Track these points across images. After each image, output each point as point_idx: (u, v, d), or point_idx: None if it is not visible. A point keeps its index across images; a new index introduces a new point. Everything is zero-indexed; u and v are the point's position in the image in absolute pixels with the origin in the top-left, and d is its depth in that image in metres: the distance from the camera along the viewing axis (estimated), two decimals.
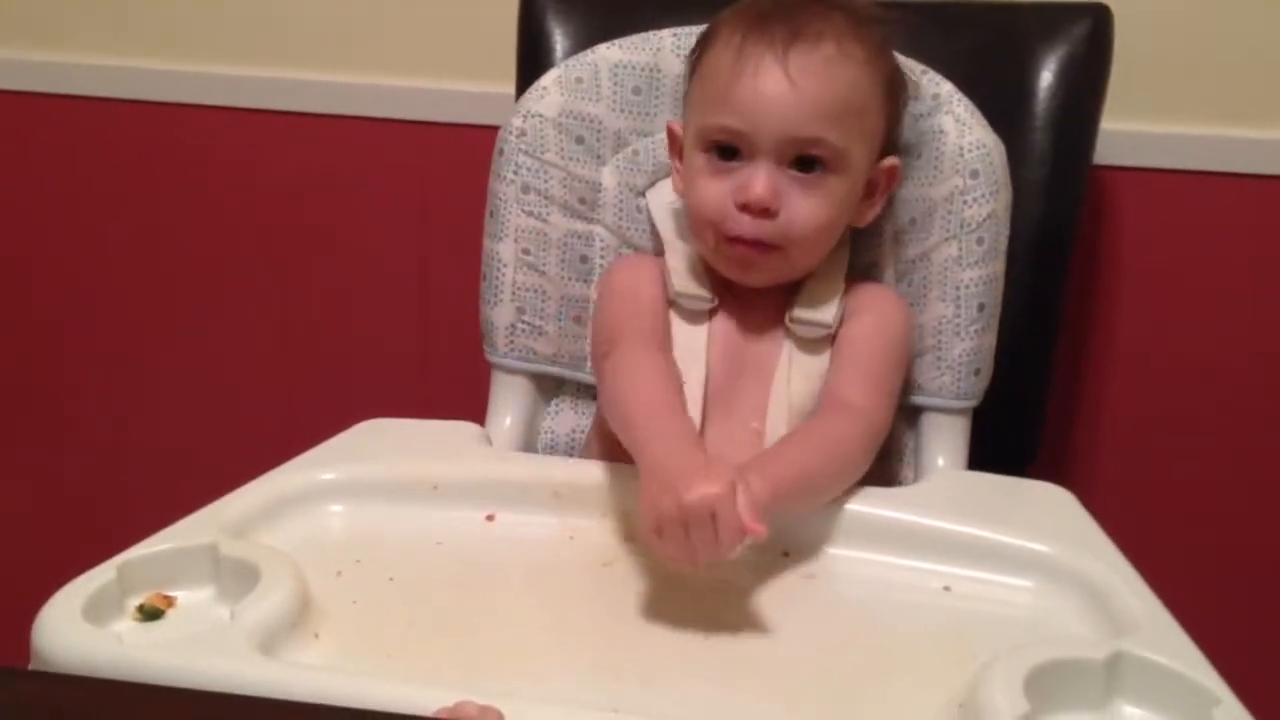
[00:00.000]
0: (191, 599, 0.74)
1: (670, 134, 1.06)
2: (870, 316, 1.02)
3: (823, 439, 0.93)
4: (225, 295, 1.62)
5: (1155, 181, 1.38)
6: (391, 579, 0.80)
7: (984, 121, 1.06)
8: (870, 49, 0.97)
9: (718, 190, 0.97)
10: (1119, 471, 1.46)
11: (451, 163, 1.47)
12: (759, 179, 0.95)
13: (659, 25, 1.14)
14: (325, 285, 1.59)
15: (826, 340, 1.02)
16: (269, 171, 1.56)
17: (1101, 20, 1.20)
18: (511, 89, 1.26)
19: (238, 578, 0.74)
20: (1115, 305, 1.43)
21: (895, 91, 1.02)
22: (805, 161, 0.95)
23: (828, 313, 1.01)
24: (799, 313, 1.01)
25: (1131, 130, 1.34)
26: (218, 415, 1.66)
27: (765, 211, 0.95)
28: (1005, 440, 1.14)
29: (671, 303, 1.03)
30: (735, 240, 0.97)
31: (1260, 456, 1.43)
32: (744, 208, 0.96)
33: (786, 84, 0.93)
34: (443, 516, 0.88)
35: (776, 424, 0.98)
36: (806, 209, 0.96)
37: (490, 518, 0.89)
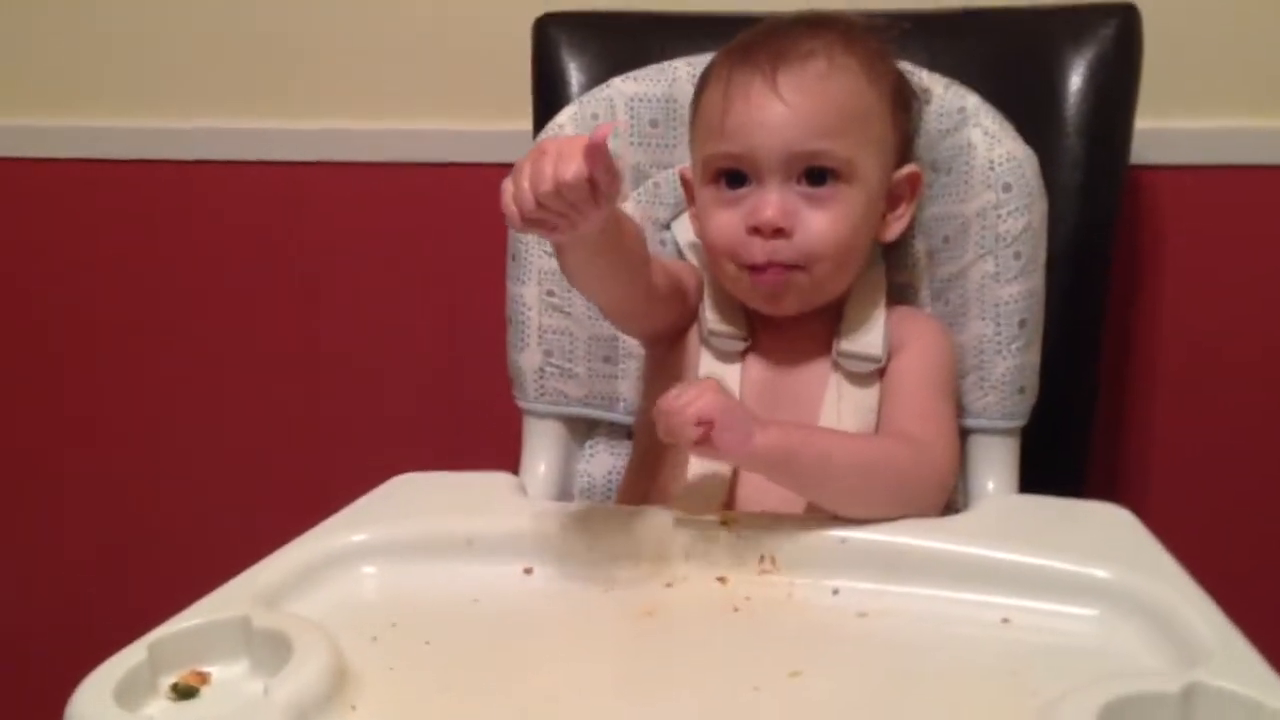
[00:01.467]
0: (225, 674, 0.72)
1: (683, 179, 1.05)
2: (918, 346, 0.99)
3: (878, 443, 0.92)
4: (249, 351, 1.60)
5: (1192, 178, 1.35)
6: (428, 642, 0.77)
7: (1014, 133, 1.03)
8: (866, 58, 0.96)
9: (729, 219, 0.96)
10: (1173, 486, 1.41)
11: (472, 204, 1.45)
12: (768, 200, 0.93)
13: (672, 54, 1.12)
14: (350, 337, 1.57)
15: (876, 374, 0.99)
16: (287, 223, 1.55)
17: (1129, 20, 1.17)
18: (529, 126, 1.24)
19: (271, 650, 0.71)
20: (1159, 311, 1.39)
21: (903, 99, 0.99)
22: (814, 175, 0.93)
23: (874, 343, 0.98)
24: (845, 345, 0.99)
25: (1165, 128, 1.31)
26: (243, 479, 1.64)
27: (779, 232, 0.93)
28: (1052, 460, 1.10)
29: (704, 340, 1.01)
30: (755, 269, 0.95)
31: None
32: (756, 231, 0.94)
33: (778, 103, 0.92)
34: (479, 572, 0.86)
35: None
36: (822, 223, 0.94)
37: (528, 571, 0.87)
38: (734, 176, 0.95)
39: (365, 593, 0.84)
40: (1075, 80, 1.16)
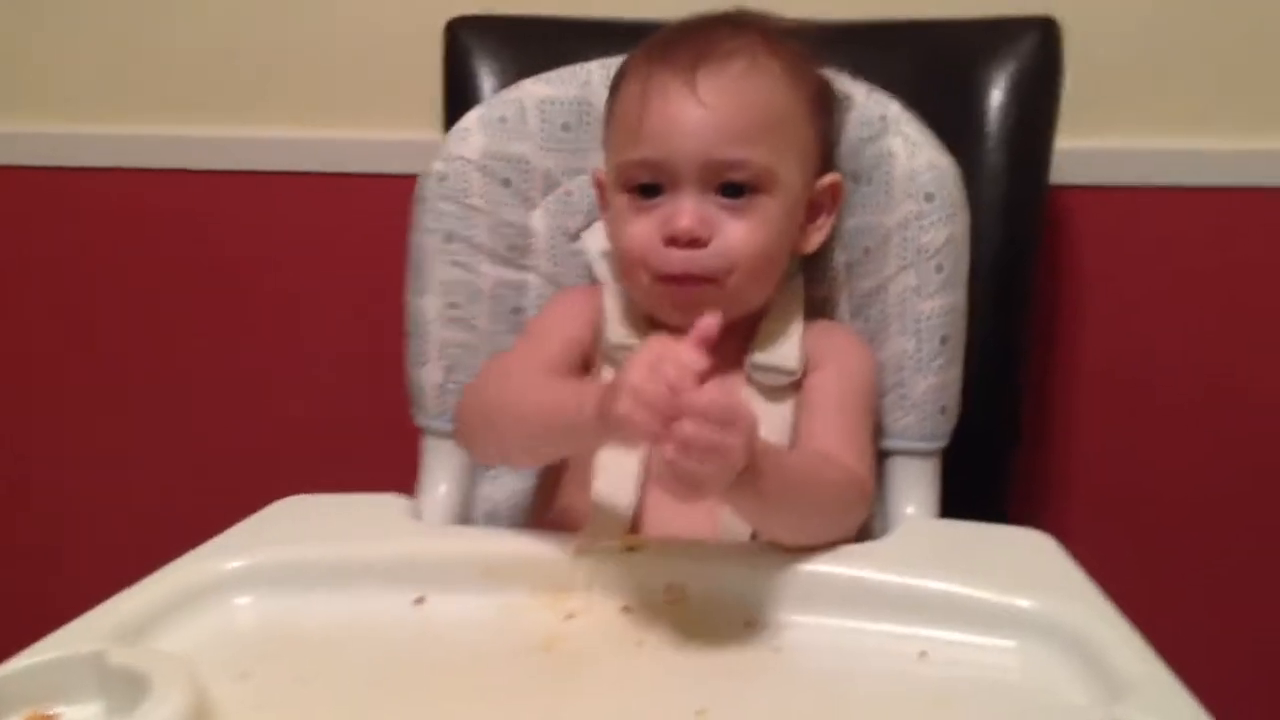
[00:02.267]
0: (76, 716, 0.66)
1: (596, 182, 1.00)
2: (838, 363, 0.95)
3: (816, 465, 0.87)
4: (134, 361, 1.54)
5: (1112, 199, 1.34)
6: (304, 680, 0.71)
7: (936, 142, 1.00)
8: (787, 61, 0.92)
9: (643, 228, 0.91)
10: (1095, 510, 1.41)
11: (375, 216, 1.39)
12: (683, 208, 0.89)
13: (587, 59, 1.08)
14: (244, 351, 1.52)
15: (791, 388, 0.95)
16: (180, 232, 1.50)
17: (1049, 33, 1.17)
18: (436, 135, 1.19)
19: (127, 689, 0.65)
20: (1079, 332, 1.39)
21: (825, 105, 0.96)
22: (732, 187, 0.89)
23: (789, 356, 0.94)
24: (759, 357, 0.95)
25: (1085, 147, 1.30)
26: (119, 501, 1.57)
27: (695, 242, 0.89)
28: (973, 483, 1.07)
29: (605, 354, 0.96)
30: (669, 279, 0.91)
31: (1239, 473, 1.39)
32: (672, 241, 0.90)
33: (697, 106, 0.88)
34: (365, 602, 0.80)
35: None
36: (741, 233, 0.90)
37: (420, 600, 0.81)
38: (649, 186, 0.91)
39: (238, 625, 0.78)
40: (996, 94, 1.15)
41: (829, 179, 0.96)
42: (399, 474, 1.03)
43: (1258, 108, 1.30)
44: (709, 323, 0.73)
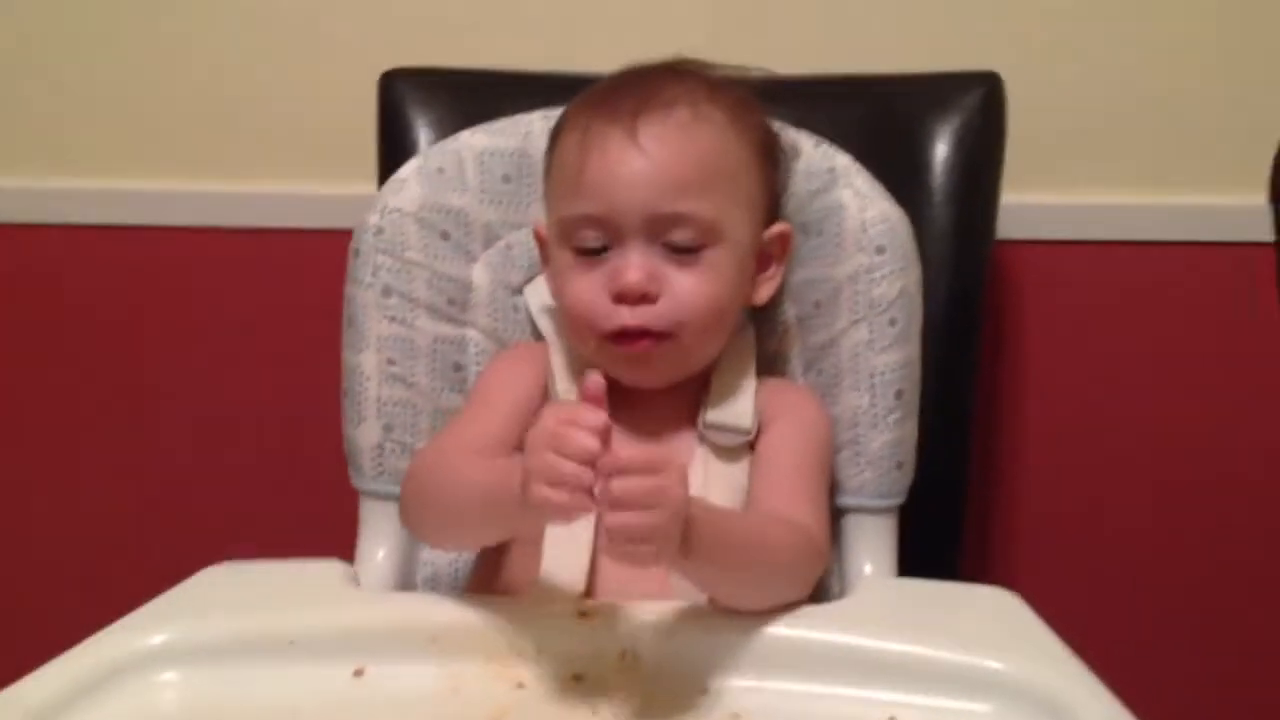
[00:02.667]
0: None
1: (537, 237, 0.97)
2: (791, 421, 0.93)
3: (767, 527, 0.83)
4: (68, 420, 1.48)
5: (1055, 254, 1.35)
6: None
7: (886, 193, 0.99)
8: (730, 110, 0.90)
9: (588, 285, 0.88)
10: (1044, 563, 1.40)
11: (308, 273, 1.35)
12: (630, 263, 0.86)
13: (529, 110, 1.06)
14: (172, 412, 1.47)
15: (745, 447, 0.92)
16: (111, 290, 1.45)
17: (992, 88, 1.17)
18: (371, 189, 1.15)
19: None
20: (1024, 387, 1.39)
21: (770, 153, 0.95)
22: (676, 241, 0.87)
23: (744, 415, 0.92)
24: (712, 416, 0.92)
25: (1028, 203, 1.30)
26: (38, 571, 1.50)
27: (644, 297, 0.86)
28: (924, 539, 1.04)
29: None
30: (618, 338, 0.88)
31: (1187, 521, 1.39)
32: (620, 298, 0.87)
33: (639, 157, 0.86)
34: (301, 676, 0.75)
35: None
36: (690, 286, 0.87)
37: (359, 672, 0.76)
38: (592, 238, 0.88)
39: (162, 705, 0.73)
40: (941, 148, 1.15)
41: (778, 228, 0.94)
42: (335, 538, 0.99)
43: (1199, 163, 1.32)
44: (596, 380, 0.71)
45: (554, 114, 1.02)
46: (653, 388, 0.92)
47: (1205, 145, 1.31)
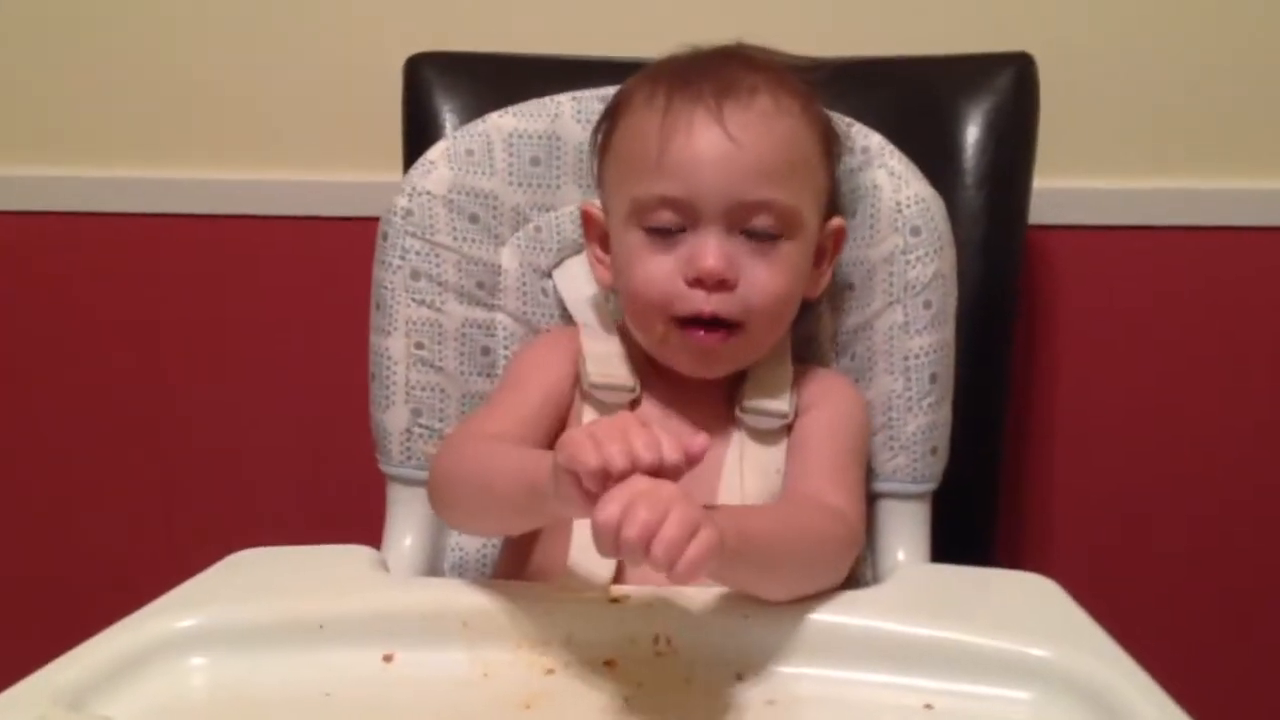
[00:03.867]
0: None
1: (587, 218, 0.95)
2: (829, 407, 0.92)
3: (797, 518, 0.82)
4: (92, 411, 1.47)
5: (1089, 239, 1.33)
6: None
7: (920, 174, 0.98)
8: (803, 101, 0.89)
9: (663, 268, 0.86)
10: (1078, 544, 1.39)
11: (340, 260, 1.34)
12: (709, 248, 0.84)
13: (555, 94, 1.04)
14: (206, 398, 1.46)
15: (783, 431, 0.91)
16: (140, 278, 1.44)
17: (1025, 68, 1.15)
18: (400, 176, 1.15)
19: None
20: (1056, 369, 1.37)
21: (833, 146, 0.93)
22: (757, 231, 0.86)
23: (781, 398, 0.91)
24: (750, 400, 0.91)
25: (1060, 187, 1.28)
26: (73, 556, 1.49)
27: (722, 284, 0.84)
28: (958, 525, 1.03)
29: (585, 395, 0.92)
30: (691, 325, 0.86)
31: (1222, 507, 1.37)
32: (697, 282, 0.85)
33: (727, 142, 0.84)
34: (331, 661, 0.75)
35: None
36: (766, 277, 0.86)
37: (388, 658, 0.76)
38: (669, 220, 0.86)
39: (192, 689, 0.72)
40: (973, 130, 1.13)
41: (835, 223, 0.93)
42: (361, 526, 0.98)
43: (1237, 147, 1.30)
44: (701, 445, 0.68)
45: (583, 95, 1.01)
46: (712, 378, 0.91)
47: (1243, 128, 1.29)
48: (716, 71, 0.87)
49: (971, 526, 1.14)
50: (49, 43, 1.39)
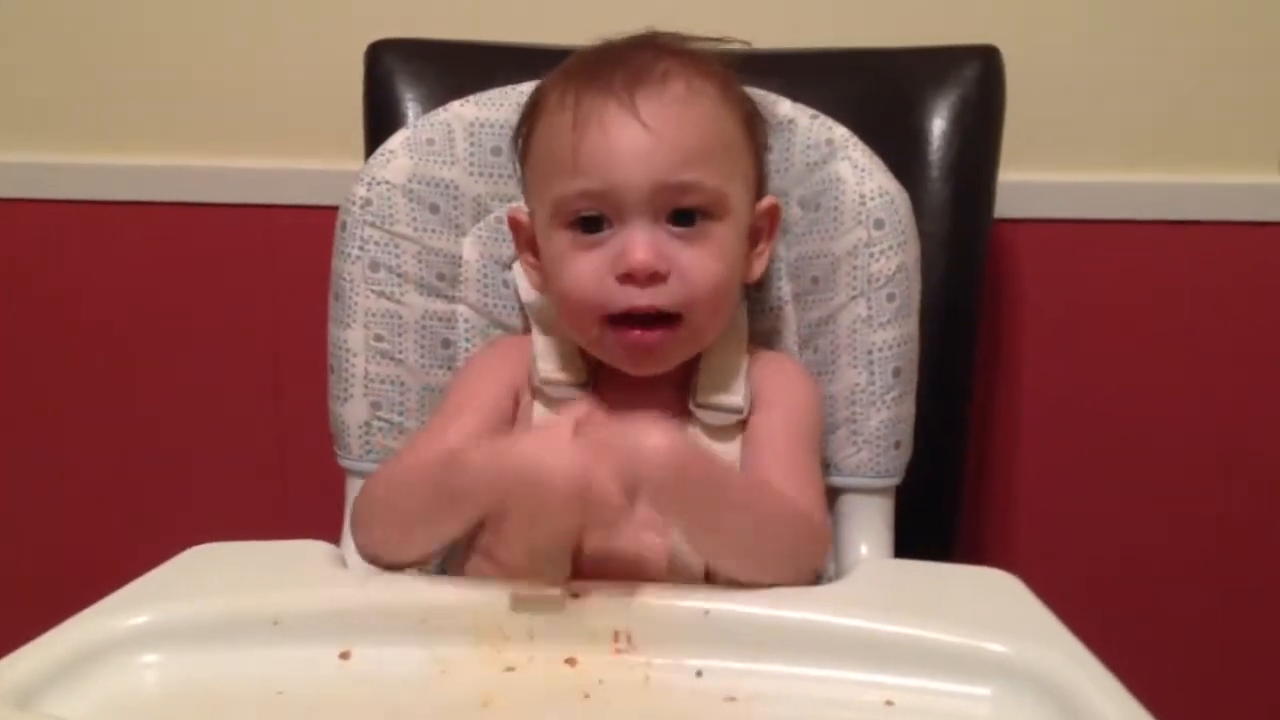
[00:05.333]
0: None
1: (513, 224, 0.94)
2: (784, 399, 0.91)
3: (762, 485, 0.83)
4: (47, 401, 1.46)
5: (1054, 232, 1.33)
6: None
7: (884, 167, 0.97)
8: (720, 84, 0.88)
9: (590, 266, 0.85)
10: (1040, 537, 1.39)
11: (300, 249, 1.33)
12: (637, 241, 0.83)
13: (518, 82, 1.03)
14: (162, 390, 1.45)
15: (737, 426, 0.90)
16: (94, 267, 1.43)
17: (991, 61, 1.15)
18: (360, 163, 1.13)
19: None
20: (1020, 363, 1.37)
21: (757, 127, 0.93)
22: (683, 214, 0.84)
23: (735, 393, 0.90)
24: (704, 396, 0.90)
25: (1025, 181, 1.28)
26: (23, 551, 1.47)
27: (654, 276, 0.83)
28: (921, 520, 1.03)
29: (536, 391, 0.91)
30: (625, 323, 0.85)
31: (1184, 501, 1.38)
32: (628, 278, 0.83)
33: (643, 131, 0.83)
34: (286, 658, 0.73)
35: None
36: (698, 263, 0.84)
37: (345, 655, 0.75)
38: (591, 220, 0.85)
39: (144, 687, 0.71)
40: (939, 123, 1.13)
41: (767, 202, 0.92)
42: (320, 520, 0.97)
43: (1202, 141, 1.30)
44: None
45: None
46: (654, 374, 0.89)
47: (1208, 122, 1.30)
48: (626, 61, 0.86)
49: (935, 521, 1.14)
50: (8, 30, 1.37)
